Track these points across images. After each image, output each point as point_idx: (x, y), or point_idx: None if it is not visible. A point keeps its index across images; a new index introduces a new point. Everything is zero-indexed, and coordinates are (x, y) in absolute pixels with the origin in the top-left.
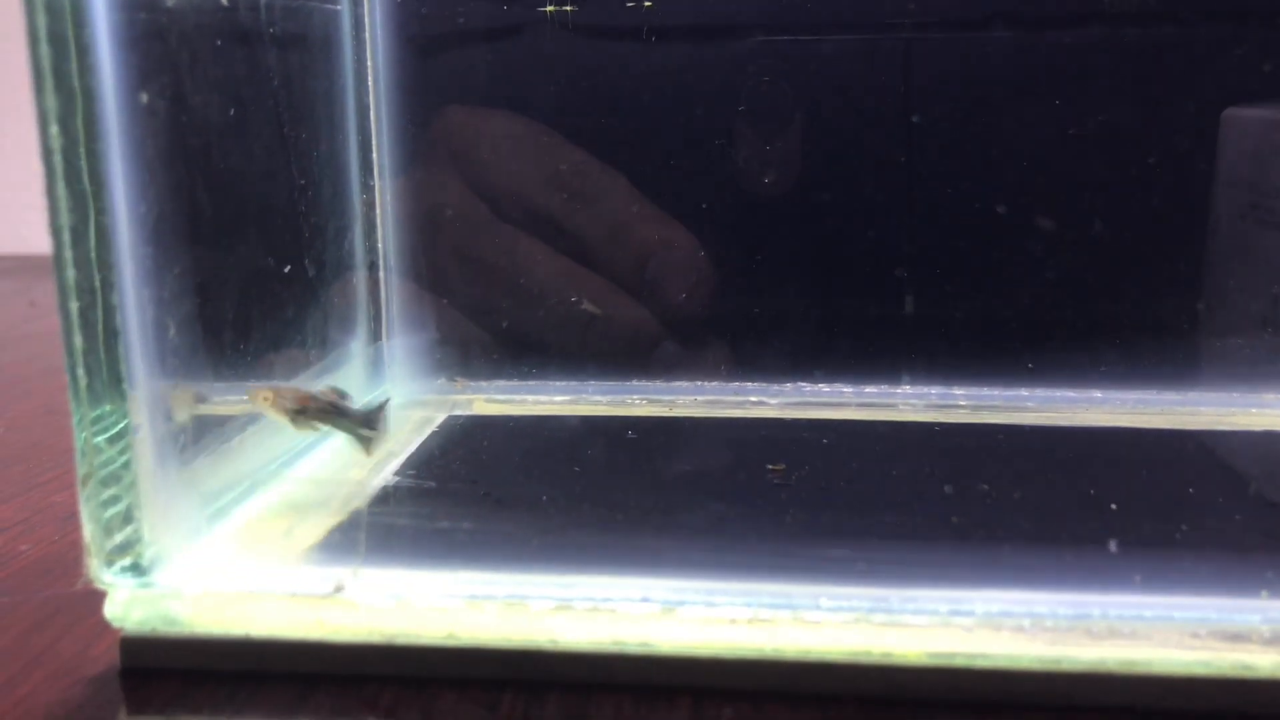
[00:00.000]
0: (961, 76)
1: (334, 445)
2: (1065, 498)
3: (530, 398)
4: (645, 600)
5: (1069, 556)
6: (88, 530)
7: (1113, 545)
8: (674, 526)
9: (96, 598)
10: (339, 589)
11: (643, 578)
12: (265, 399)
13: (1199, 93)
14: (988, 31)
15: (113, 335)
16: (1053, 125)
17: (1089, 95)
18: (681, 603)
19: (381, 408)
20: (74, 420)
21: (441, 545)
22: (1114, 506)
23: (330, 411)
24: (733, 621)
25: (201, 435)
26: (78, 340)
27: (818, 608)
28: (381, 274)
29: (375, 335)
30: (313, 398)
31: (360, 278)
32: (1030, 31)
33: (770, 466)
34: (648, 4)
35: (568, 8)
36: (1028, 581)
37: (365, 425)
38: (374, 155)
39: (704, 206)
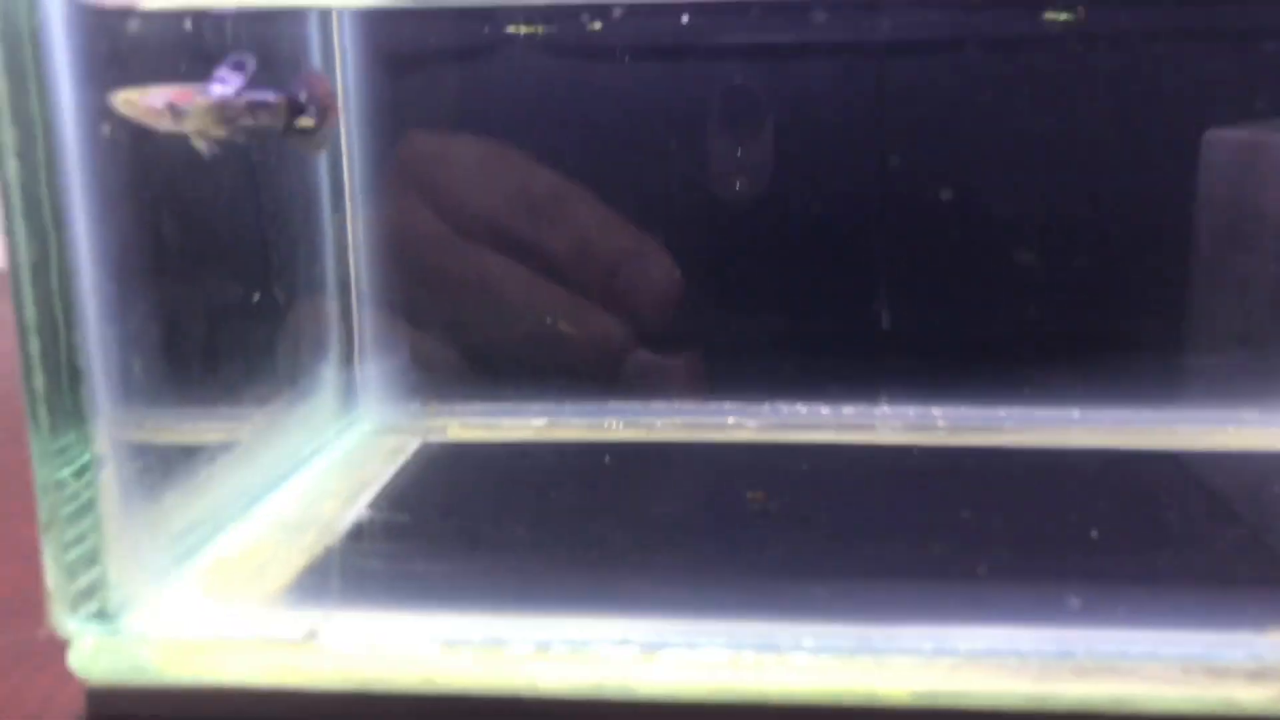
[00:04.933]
0: (938, 93)
1: (306, 477)
2: (1046, 525)
3: (506, 421)
4: (625, 643)
5: (1052, 589)
6: (51, 574)
7: (1091, 583)
8: (654, 563)
9: (63, 641)
10: (311, 635)
11: (623, 619)
12: (125, 101)
13: (1181, 113)
14: (965, 48)
15: (75, 374)
16: (1031, 143)
17: (1068, 113)
18: (662, 645)
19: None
20: (35, 458)
21: (416, 586)
22: (1095, 534)
23: (229, 110)
24: (714, 664)
25: (169, 470)
26: (39, 381)
27: (800, 648)
28: (354, 298)
29: (347, 360)
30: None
31: (332, 303)
32: (1009, 48)
33: (750, 494)
34: (596, 26)
35: (539, 28)
36: (1012, 616)
37: (294, 113)
38: (345, 178)
39: (676, 226)
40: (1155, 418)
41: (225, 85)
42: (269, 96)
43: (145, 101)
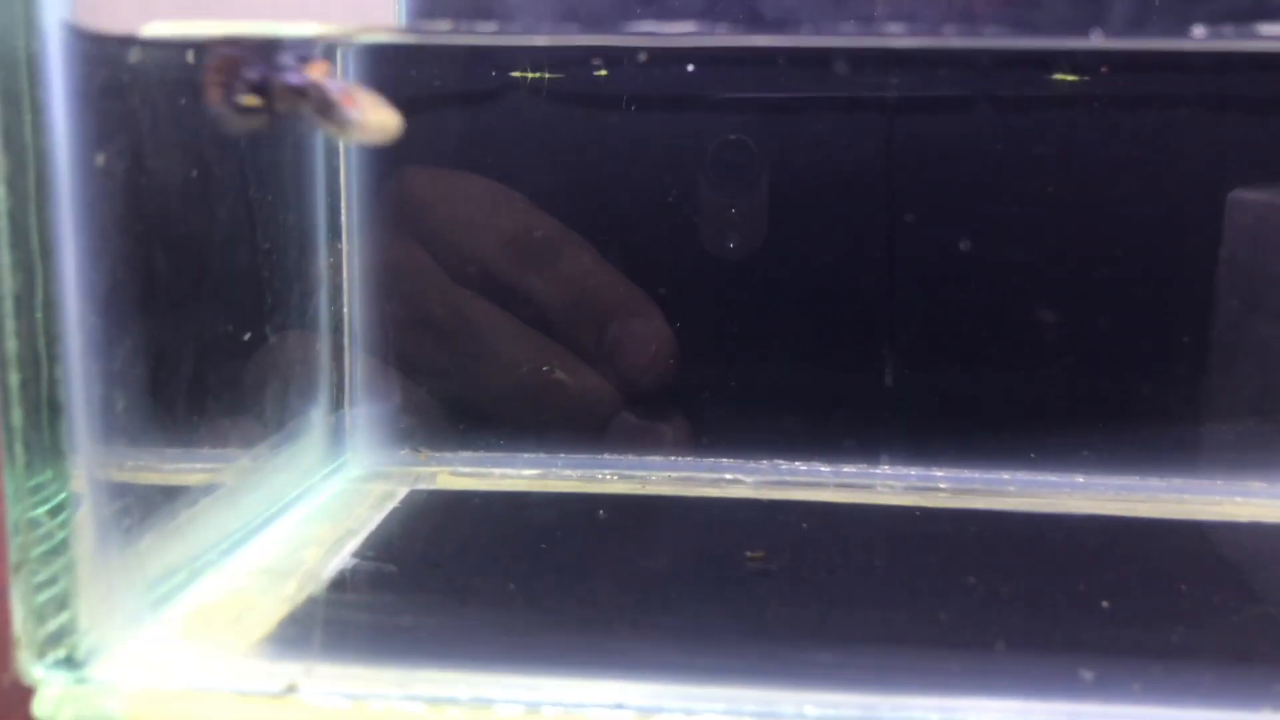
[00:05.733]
0: (946, 152)
1: (290, 522)
2: (1054, 593)
3: (497, 470)
4: (620, 706)
5: (1062, 660)
6: (18, 617)
7: (1103, 655)
8: (649, 623)
9: (28, 688)
10: (291, 688)
11: (617, 680)
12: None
13: (1204, 174)
14: (976, 107)
15: (55, 410)
16: (1045, 202)
17: (1083, 174)
18: (659, 709)
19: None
20: (8, 495)
21: (402, 639)
22: (1105, 604)
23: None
24: None
25: (148, 511)
26: (16, 415)
27: (803, 717)
28: (346, 340)
29: (337, 404)
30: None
31: (323, 344)
32: (1024, 109)
33: (749, 554)
34: (603, 73)
35: (544, 74)
36: (1023, 688)
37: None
38: (342, 218)
39: (677, 277)
40: (1163, 486)
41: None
42: (298, 76)
43: (281, 80)
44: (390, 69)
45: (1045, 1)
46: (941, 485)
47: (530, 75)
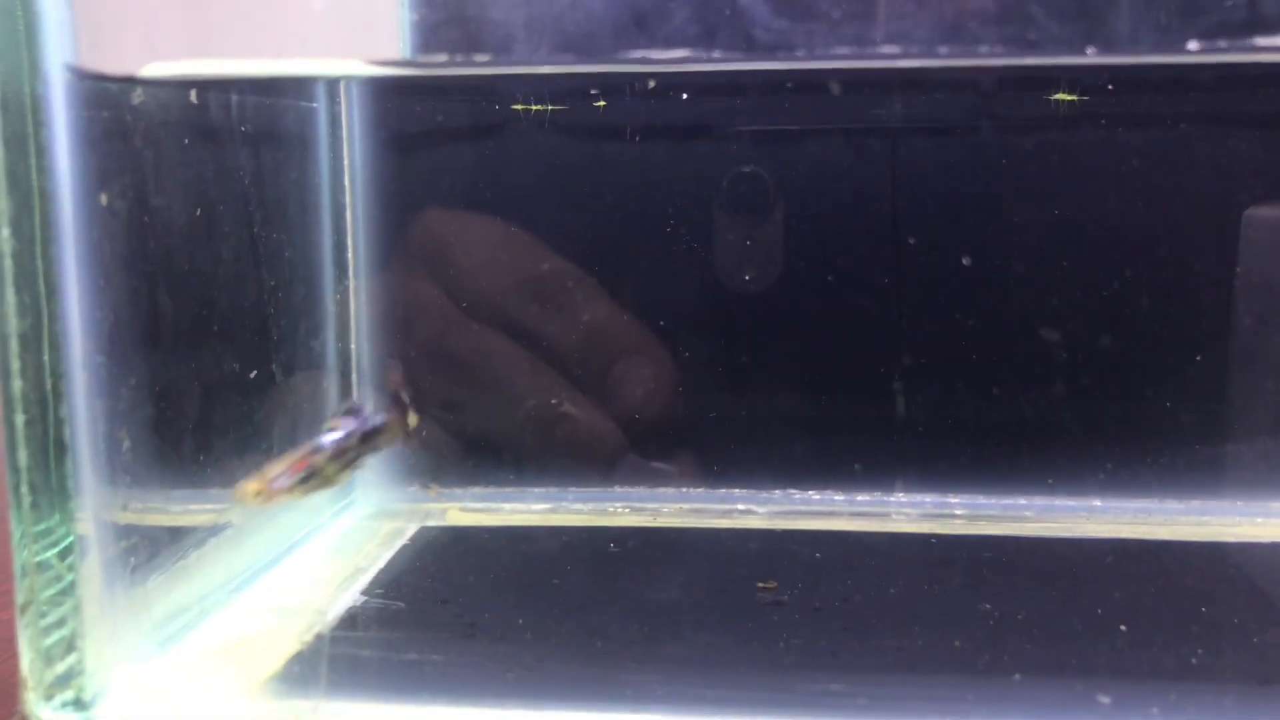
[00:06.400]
0: (959, 175)
1: (299, 561)
2: (1071, 618)
3: (507, 505)
4: None
5: (1080, 685)
6: (26, 658)
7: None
8: (661, 655)
9: None
10: None
11: (629, 714)
12: (257, 493)
13: (1219, 192)
14: (986, 129)
15: (61, 450)
16: (1058, 225)
17: (1095, 195)
18: None
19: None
20: (14, 538)
21: (410, 677)
22: (1123, 628)
23: (349, 452)
24: None
25: (155, 551)
26: (23, 455)
27: None
28: (354, 376)
29: None
30: (315, 453)
31: (331, 380)
32: (1035, 128)
33: (761, 584)
34: (601, 104)
35: (548, 107)
36: (1038, 715)
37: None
38: (349, 255)
39: (688, 307)
40: (1182, 508)
41: (335, 432)
42: (378, 420)
43: (275, 486)
44: (394, 104)
45: (1040, 20)
46: (957, 512)
47: (546, 108)
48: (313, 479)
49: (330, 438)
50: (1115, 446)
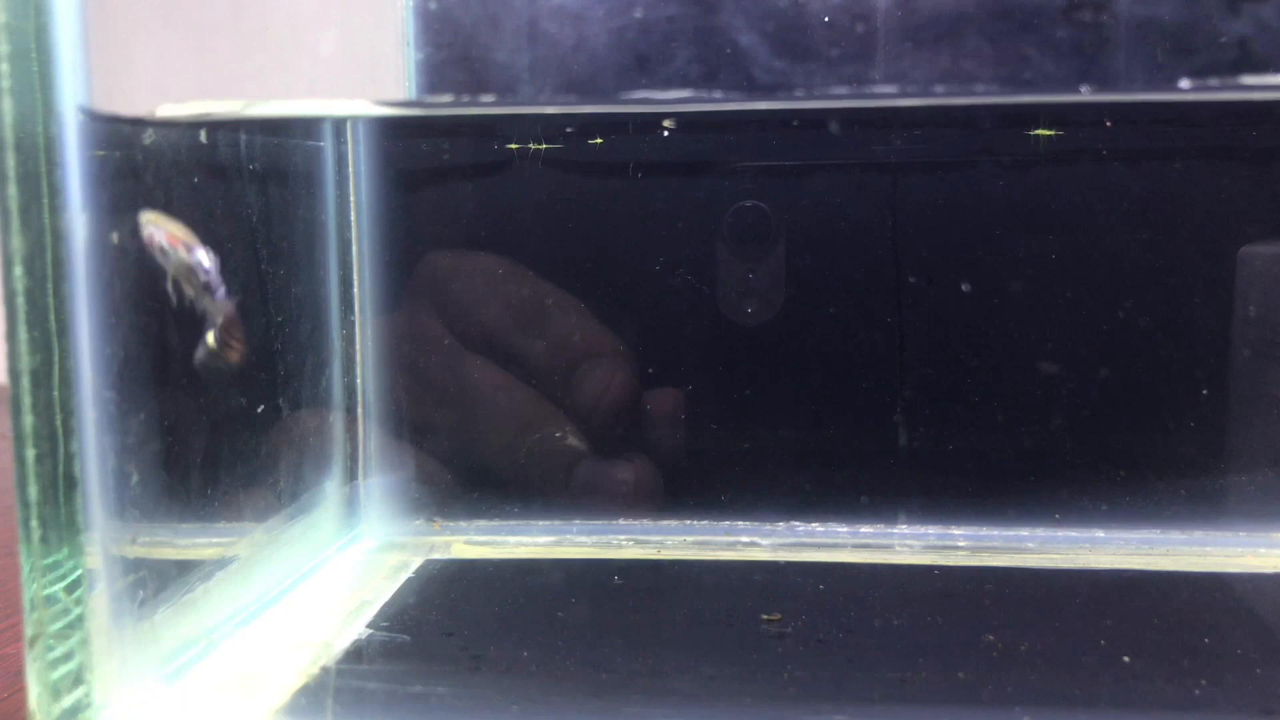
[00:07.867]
0: (957, 208)
1: (305, 594)
2: (1074, 650)
3: (512, 539)
4: None
5: (1083, 717)
6: (34, 692)
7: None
8: (666, 689)
9: None
10: None
11: None
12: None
13: (1215, 229)
14: (984, 165)
15: (71, 484)
16: (1059, 260)
17: (1095, 231)
18: None
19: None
20: (23, 572)
21: (416, 710)
22: (1126, 659)
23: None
24: None
25: (163, 585)
26: (33, 490)
27: None
28: (359, 411)
29: (351, 475)
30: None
31: (337, 416)
32: (1034, 163)
33: (765, 616)
34: (597, 141)
35: (557, 145)
36: None
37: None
38: (355, 291)
39: (691, 340)
40: (1184, 539)
41: (205, 260)
42: (219, 294)
43: (147, 230)
44: (400, 142)
45: (1036, 60)
46: (960, 543)
47: (542, 146)
48: (167, 256)
49: (200, 255)
50: (1117, 479)
